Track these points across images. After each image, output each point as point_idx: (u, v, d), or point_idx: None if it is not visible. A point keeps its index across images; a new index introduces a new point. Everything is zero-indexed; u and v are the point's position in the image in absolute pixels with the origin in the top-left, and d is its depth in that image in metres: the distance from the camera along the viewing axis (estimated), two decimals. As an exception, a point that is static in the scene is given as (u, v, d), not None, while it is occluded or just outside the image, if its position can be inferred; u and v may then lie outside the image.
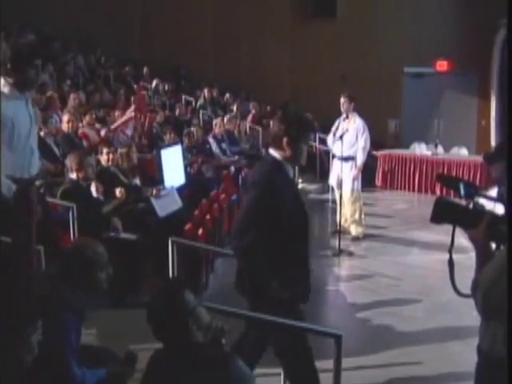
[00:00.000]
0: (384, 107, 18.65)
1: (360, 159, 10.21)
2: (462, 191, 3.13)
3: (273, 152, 4.45)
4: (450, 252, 3.09)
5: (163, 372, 3.12)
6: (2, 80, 4.88)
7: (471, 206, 3.02)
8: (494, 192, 3.50)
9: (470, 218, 2.97)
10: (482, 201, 3.11)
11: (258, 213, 4.22)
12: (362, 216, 10.51)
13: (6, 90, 4.87)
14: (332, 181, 10.61)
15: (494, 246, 2.97)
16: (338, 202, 10.28)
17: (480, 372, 3.06)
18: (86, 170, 7.09)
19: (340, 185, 9.96)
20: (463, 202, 3.07)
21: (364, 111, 10.60)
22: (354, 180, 10.23)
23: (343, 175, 10.00)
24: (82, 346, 4.03)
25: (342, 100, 10.15)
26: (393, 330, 6.74)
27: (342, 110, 10.17)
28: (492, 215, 2.92)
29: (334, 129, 10.27)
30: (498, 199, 3.01)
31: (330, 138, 10.53)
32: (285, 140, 4.38)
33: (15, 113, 4.91)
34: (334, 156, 10.64)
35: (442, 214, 3.04)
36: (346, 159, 10.13)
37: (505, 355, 2.91)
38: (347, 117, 10.13)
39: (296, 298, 4.38)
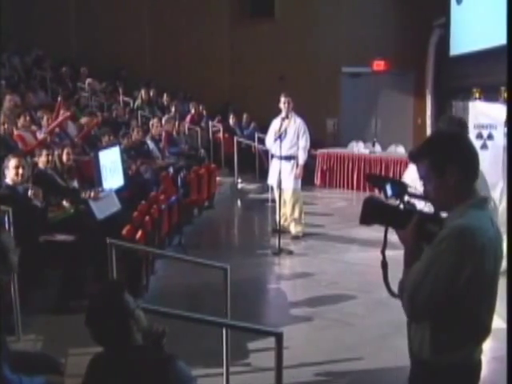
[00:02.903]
0: (322, 107, 18.80)
1: (302, 158, 10.28)
2: (389, 191, 3.15)
3: None
4: (383, 253, 3.08)
5: (103, 375, 3.09)
6: None
7: (401, 205, 3.04)
8: None
9: (400, 217, 2.97)
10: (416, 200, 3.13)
11: None
12: (302, 215, 10.59)
13: None
14: (272, 180, 10.64)
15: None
16: (277, 201, 10.33)
17: (412, 372, 3.10)
18: (20, 173, 6.93)
19: (280, 184, 10.00)
20: (394, 202, 3.09)
21: (302, 111, 10.67)
22: (295, 179, 10.29)
23: (284, 175, 10.04)
24: (20, 352, 3.97)
25: (285, 99, 10.14)
26: (334, 326, 6.80)
27: (284, 109, 10.17)
28: (421, 214, 2.94)
29: (276, 128, 10.26)
30: (425, 198, 3.04)
31: (269, 138, 10.54)
32: None
33: None
34: (273, 156, 10.67)
35: (372, 214, 3.04)
36: (286, 158, 10.17)
37: (432, 357, 2.95)
38: (287, 116, 10.16)
39: None
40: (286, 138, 10.10)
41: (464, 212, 2.81)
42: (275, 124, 10.35)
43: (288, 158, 10.20)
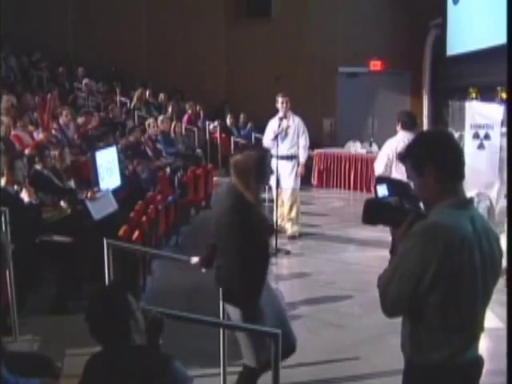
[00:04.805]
0: (319, 107, 18.82)
1: (303, 157, 10.34)
2: (385, 191, 3.17)
3: None
4: (392, 253, 3.08)
5: (101, 375, 3.08)
6: None
7: (398, 205, 3.06)
8: None
9: (400, 217, 3.00)
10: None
11: None
12: (299, 215, 10.59)
13: None
14: (273, 180, 10.59)
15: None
16: (275, 201, 10.33)
17: (403, 371, 3.11)
18: (14, 173, 6.92)
19: (278, 184, 10.03)
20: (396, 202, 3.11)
21: (299, 111, 10.68)
22: (295, 179, 10.34)
23: (284, 174, 10.09)
24: (16, 353, 3.95)
25: (282, 99, 10.15)
26: (331, 326, 6.80)
27: (282, 109, 10.19)
28: (415, 214, 2.96)
29: (274, 128, 10.25)
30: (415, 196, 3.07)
31: (266, 139, 10.52)
32: None
33: None
34: (272, 156, 10.64)
35: (374, 214, 3.06)
36: (287, 158, 10.22)
37: (412, 356, 2.97)
38: (285, 116, 10.18)
39: None
40: (287, 138, 10.16)
41: (440, 211, 2.83)
42: (273, 124, 10.33)
43: (288, 157, 10.25)
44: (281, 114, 10.20)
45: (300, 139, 10.29)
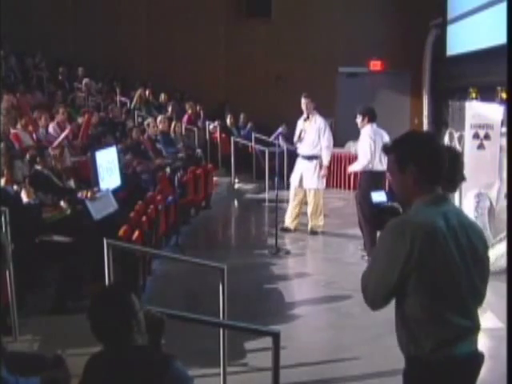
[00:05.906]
0: (319, 107, 18.77)
1: (325, 158, 10.45)
2: (381, 197, 3.21)
3: None
4: None
5: (101, 375, 3.08)
6: None
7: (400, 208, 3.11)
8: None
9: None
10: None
11: None
12: (322, 212, 10.92)
13: None
14: (292, 179, 10.73)
15: None
16: (291, 199, 10.47)
17: (404, 368, 3.12)
18: (14, 173, 6.92)
19: (300, 183, 10.39)
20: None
21: (299, 111, 10.71)
22: (318, 179, 10.46)
23: (307, 174, 10.37)
24: (15, 352, 3.95)
25: (305, 100, 10.45)
26: (331, 326, 6.80)
27: (305, 110, 10.50)
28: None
29: (300, 129, 10.47)
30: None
31: (295, 139, 10.72)
32: None
33: None
34: (297, 155, 10.82)
35: (382, 221, 3.10)
36: (309, 158, 10.37)
37: (407, 353, 2.98)
38: (308, 117, 10.34)
39: None
40: (308, 139, 10.31)
41: (415, 208, 2.90)
42: (299, 124, 10.55)
43: (311, 157, 10.41)
44: (305, 114, 10.41)
45: (322, 140, 10.43)
